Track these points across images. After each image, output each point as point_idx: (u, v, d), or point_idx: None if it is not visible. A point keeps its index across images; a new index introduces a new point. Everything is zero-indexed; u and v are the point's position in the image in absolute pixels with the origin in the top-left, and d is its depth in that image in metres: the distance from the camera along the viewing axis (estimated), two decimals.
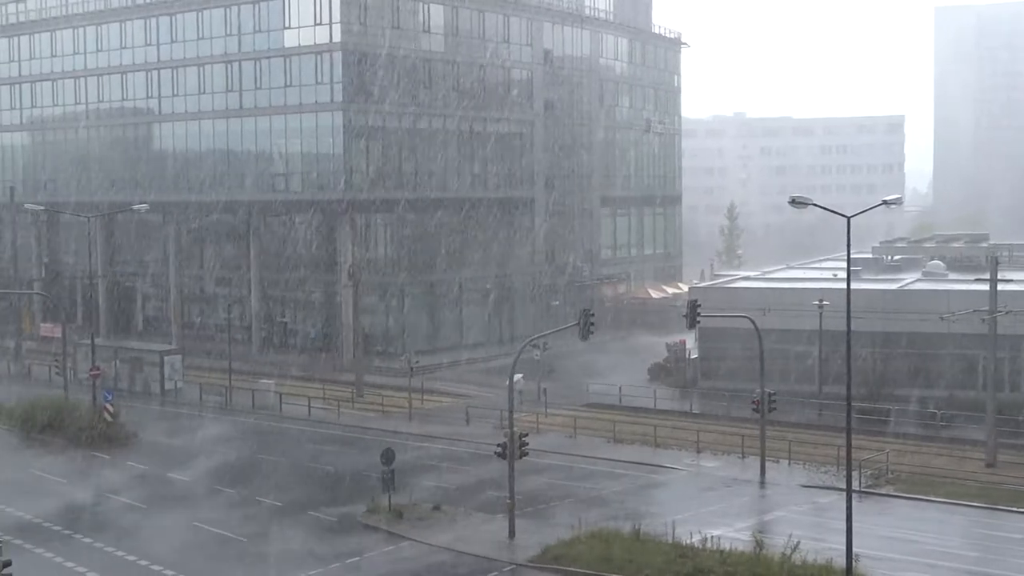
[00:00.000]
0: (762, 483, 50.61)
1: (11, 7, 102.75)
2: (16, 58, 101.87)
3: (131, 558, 39.76)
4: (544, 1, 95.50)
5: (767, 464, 51.52)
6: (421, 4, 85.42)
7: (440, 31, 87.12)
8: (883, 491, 48.89)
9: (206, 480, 51.07)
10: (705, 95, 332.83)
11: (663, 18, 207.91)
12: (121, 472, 53.25)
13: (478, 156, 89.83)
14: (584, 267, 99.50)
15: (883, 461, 51.82)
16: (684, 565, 36.73)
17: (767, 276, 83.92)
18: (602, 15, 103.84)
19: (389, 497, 44.30)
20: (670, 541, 38.75)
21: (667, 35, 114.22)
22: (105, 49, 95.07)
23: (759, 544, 37.39)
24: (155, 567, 38.75)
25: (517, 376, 73.04)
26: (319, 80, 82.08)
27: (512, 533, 41.54)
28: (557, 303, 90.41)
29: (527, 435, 43.97)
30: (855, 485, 41.79)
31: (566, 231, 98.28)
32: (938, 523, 44.90)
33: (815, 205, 39.01)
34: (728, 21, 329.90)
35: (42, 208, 78.89)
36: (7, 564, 29.72)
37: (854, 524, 36.15)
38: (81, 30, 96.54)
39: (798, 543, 36.82)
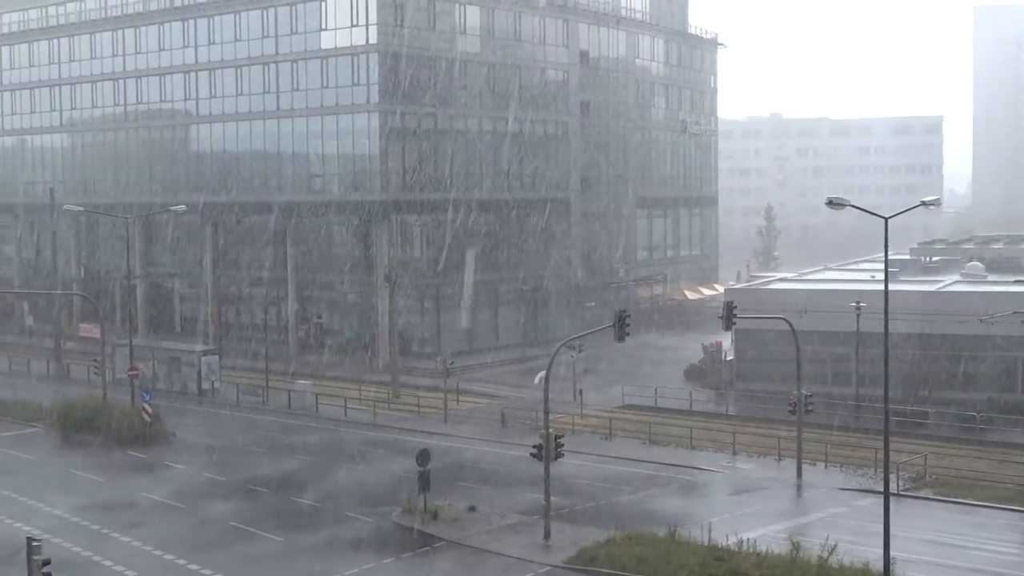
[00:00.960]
0: (798, 485, 50.38)
1: (51, 10, 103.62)
2: (56, 60, 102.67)
3: (168, 557, 40.00)
4: (580, 2, 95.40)
5: (804, 467, 51.29)
6: (457, 5, 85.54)
7: (476, 32, 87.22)
8: (921, 494, 48.56)
9: (243, 480, 51.33)
10: (742, 96, 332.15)
11: (699, 19, 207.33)
12: (159, 471, 53.61)
13: (514, 157, 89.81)
14: (619, 268, 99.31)
15: (921, 464, 51.49)
16: (720, 568, 36.56)
17: (804, 278, 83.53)
18: (638, 16, 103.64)
19: (424, 498, 44.34)
20: (706, 543, 38.59)
21: (703, 36, 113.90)
22: (143, 51, 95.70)
23: (795, 547, 37.18)
24: (192, 566, 38.97)
25: (542, 373, 73.55)
26: (355, 81, 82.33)
27: (547, 534, 41.50)
28: (592, 304, 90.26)
29: (563, 436, 43.93)
30: (893, 488, 41.48)
31: (602, 232, 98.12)
32: (977, 527, 44.52)
33: (852, 206, 38.78)
34: (765, 21, 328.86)
35: (81, 209, 79.41)
36: (47, 563, 29.95)
37: (892, 527, 35.92)
38: (120, 32, 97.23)
39: (835, 546, 36.60)
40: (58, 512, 46.01)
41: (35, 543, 30.22)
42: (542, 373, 73.24)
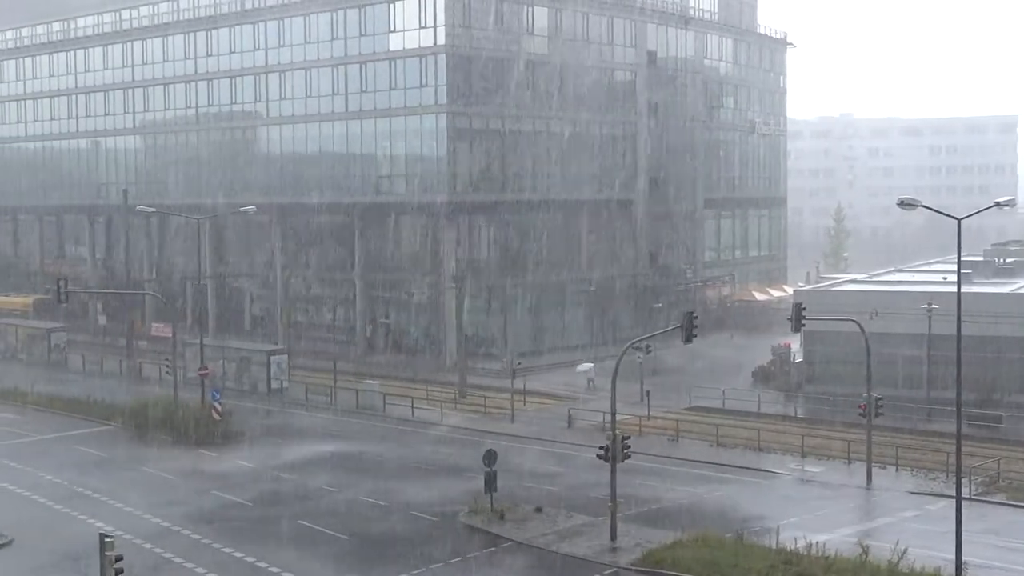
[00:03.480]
0: (868, 489, 49.84)
1: (125, 13, 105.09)
2: (129, 63, 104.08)
3: (237, 554, 40.41)
4: (648, 2, 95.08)
5: (873, 470, 50.76)
6: (525, 6, 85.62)
7: (544, 33, 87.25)
8: (994, 499, 47.83)
9: (311, 479, 51.72)
10: (811, 96, 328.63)
11: (769, 18, 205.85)
12: (228, 469, 54.15)
13: (581, 158, 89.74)
14: (687, 269, 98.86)
15: (994, 468, 50.73)
16: (788, 571, 36.33)
17: (874, 279, 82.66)
18: (707, 15, 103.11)
19: (491, 498, 44.43)
20: (774, 546, 38.34)
21: (772, 35, 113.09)
22: (215, 54, 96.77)
23: (865, 550, 36.84)
24: (261, 564, 39.35)
25: (588, 365, 74.10)
26: (423, 83, 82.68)
27: (614, 536, 41.42)
28: (660, 305, 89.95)
29: (629, 438, 43.81)
30: (965, 492, 40.92)
31: (669, 233, 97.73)
32: None
33: (924, 207, 38.35)
34: (835, 20, 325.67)
35: (153, 210, 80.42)
36: (119, 559, 30.35)
37: (963, 532, 35.45)
38: (192, 36, 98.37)
39: (905, 550, 36.22)
40: (129, 509, 46.65)
41: (107, 539, 30.66)
42: (587, 365, 74.15)
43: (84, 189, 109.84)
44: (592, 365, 74.31)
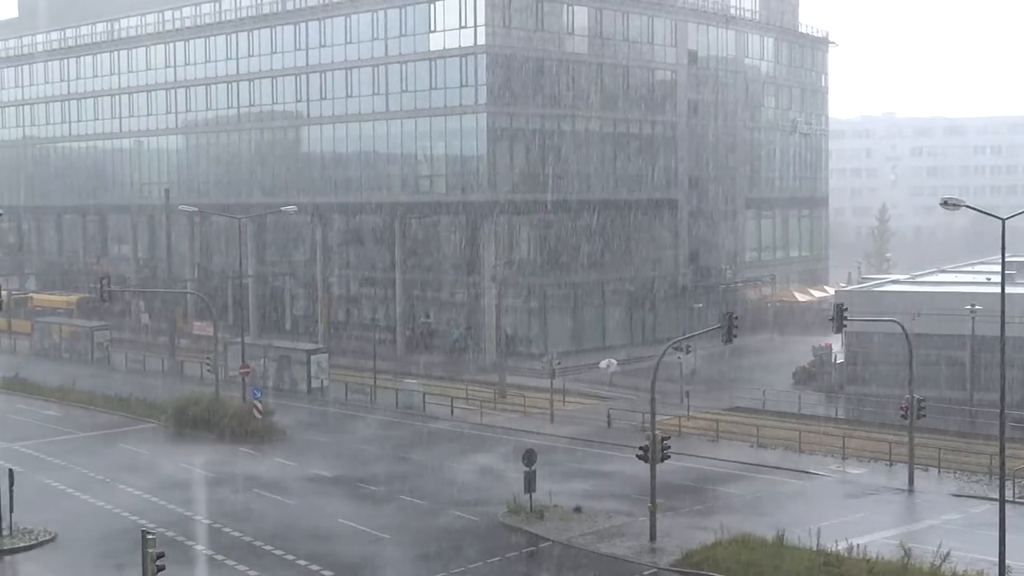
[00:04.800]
0: (910, 491, 49.46)
1: (167, 14, 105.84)
2: (172, 64, 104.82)
3: (278, 552, 40.60)
4: (689, 1, 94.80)
5: (916, 472, 50.36)
6: (565, 6, 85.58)
7: (584, 33, 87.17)
8: None
9: (350, 477, 51.91)
10: (854, 95, 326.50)
11: (810, 17, 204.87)
12: (268, 467, 54.41)
13: (621, 158, 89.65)
14: (727, 269, 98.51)
15: None
16: (829, 573, 36.11)
17: (917, 280, 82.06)
18: (748, 15, 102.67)
19: (530, 497, 44.44)
20: (814, 548, 38.11)
21: (814, 34, 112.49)
22: (256, 54, 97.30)
23: (907, 553, 36.56)
24: (300, 561, 39.52)
25: (610, 361, 74.23)
26: (464, 83, 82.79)
27: (653, 536, 41.34)
28: (700, 305, 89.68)
29: (669, 438, 43.72)
30: (1008, 495, 40.53)
31: (709, 233, 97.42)
32: None
33: (968, 207, 38.01)
34: (878, 18, 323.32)
35: (195, 209, 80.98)
36: (160, 555, 30.56)
37: (1007, 536, 35.14)
38: (233, 36, 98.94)
39: (948, 553, 35.93)
40: (172, 506, 46.97)
41: (149, 536, 30.86)
42: (609, 361, 74.28)
43: (127, 189, 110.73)
44: (614, 361, 74.73)
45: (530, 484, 44.20)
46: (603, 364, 75.95)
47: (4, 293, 64.82)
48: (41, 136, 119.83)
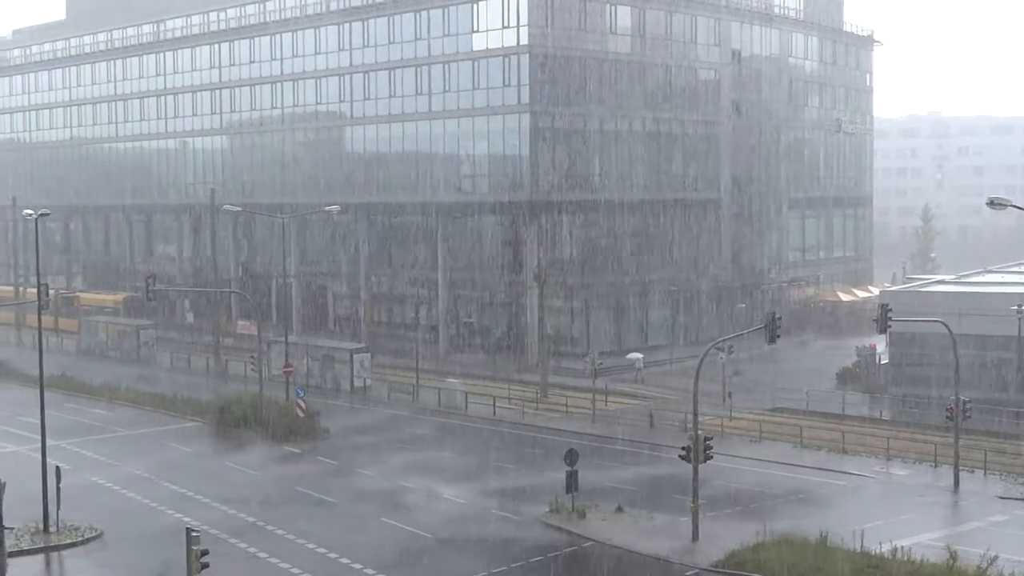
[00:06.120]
0: (955, 493, 49.04)
1: (212, 16, 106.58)
2: (217, 64, 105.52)
3: (320, 550, 40.81)
4: (733, 0, 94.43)
5: (961, 474, 49.91)
6: (608, 5, 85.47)
7: (627, 32, 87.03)
8: None
9: (393, 476, 52.06)
10: (899, 94, 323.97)
11: (855, 15, 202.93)
12: (312, 466, 54.73)
13: (664, 157, 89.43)
14: (770, 269, 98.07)
15: None
16: (873, 575, 35.88)
17: (963, 280, 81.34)
18: (792, 14, 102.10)
19: (572, 497, 44.45)
20: (858, 550, 37.89)
21: (859, 33, 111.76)
22: (300, 55, 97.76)
23: (953, 556, 36.26)
24: (343, 560, 39.71)
25: (637, 355, 74.09)
26: (506, 83, 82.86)
27: (695, 536, 41.24)
28: (743, 305, 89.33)
29: (711, 438, 43.59)
30: None
31: (752, 233, 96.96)
32: None
33: (1014, 207, 37.69)
34: (924, 16, 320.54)
35: (239, 209, 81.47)
36: (204, 552, 30.83)
37: None
38: (277, 37, 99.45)
39: (995, 557, 35.61)
40: (216, 504, 47.33)
41: (194, 534, 31.14)
42: (635, 355, 74.14)
43: (172, 189, 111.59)
44: (640, 356, 74.56)
45: (572, 484, 44.20)
46: (630, 358, 76.10)
47: (51, 292, 65.66)
48: (88, 136, 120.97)
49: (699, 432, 42.51)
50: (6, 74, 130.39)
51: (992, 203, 37.14)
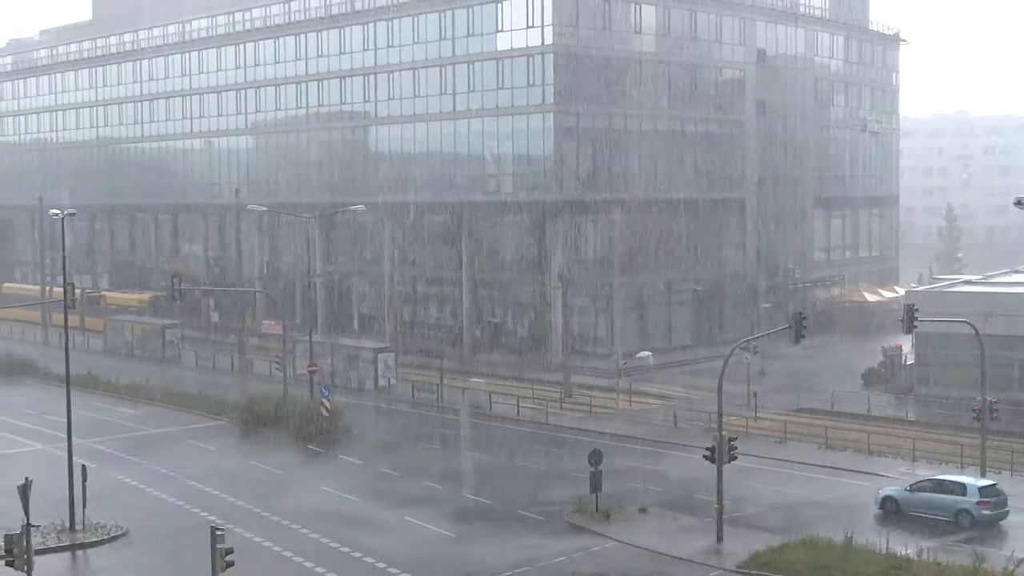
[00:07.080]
0: None
1: (237, 16, 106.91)
2: (242, 65, 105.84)
3: (344, 549, 40.89)
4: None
5: (988, 475, 49.61)
6: (633, 5, 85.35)
7: (652, 32, 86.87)
8: None
9: (417, 476, 52.08)
10: (925, 93, 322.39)
11: (881, 14, 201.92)
12: (335, 465, 54.84)
13: (689, 157, 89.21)
14: (796, 269, 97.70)
15: None
16: None
17: (989, 280, 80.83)
18: (817, 12, 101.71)
19: (596, 498, 44.41)
20: (884, 551, 37.72)
21: (885, 32, 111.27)
22: (325, 55, 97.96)
23: (979, 558, 36.07)
24: (367, 559, 39.78)
25: (646, 353, 73.84)
26: (531, 82, 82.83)
27: (720, 537, 41.12)
28: (768, 305, 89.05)
29: (736, 439, 43.46)
30: None
31: (778, 233, 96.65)
32: None
33: None
34: (951, 15, 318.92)
35: (264, 209, 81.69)
36: (229, 551, 30.90)
37: None
38: (302, 37, 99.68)
39: (1022, 560, 35.37)
40: (240, 503, 47.47)
41: (218, 532, 31.22)
42: (645, 353, 73.95)
43: (198, 188, 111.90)
44: (650, 354, 74.40)
45: (596, 484, 44.16)
46: (640, 355, 75.69)
47: (78, 291, 65.94)
48: (114, 136, 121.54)
49: (723, 432, 42.40)
50: (33, 74, 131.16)
51: (1019, 203, 36.99)
